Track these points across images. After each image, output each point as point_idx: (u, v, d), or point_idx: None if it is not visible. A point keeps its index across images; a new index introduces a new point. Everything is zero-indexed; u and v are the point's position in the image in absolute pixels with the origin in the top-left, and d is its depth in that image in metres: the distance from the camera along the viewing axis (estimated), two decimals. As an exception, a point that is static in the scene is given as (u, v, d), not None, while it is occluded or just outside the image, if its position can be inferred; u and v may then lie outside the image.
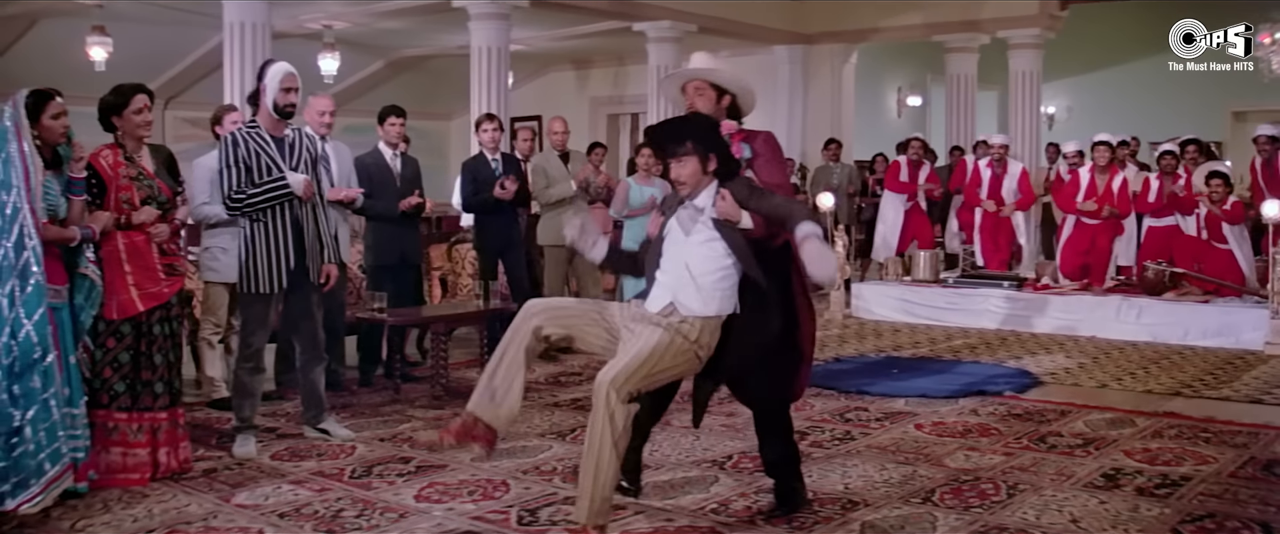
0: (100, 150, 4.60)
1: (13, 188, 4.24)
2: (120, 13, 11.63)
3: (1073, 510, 4.07)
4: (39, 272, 4.23)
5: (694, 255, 3.72)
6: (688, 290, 3.67)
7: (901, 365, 7.25)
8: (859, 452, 4.99)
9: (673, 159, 3.79)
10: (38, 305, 4.20)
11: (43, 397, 4.21)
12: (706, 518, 4.00)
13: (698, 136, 3.77)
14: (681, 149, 3.76)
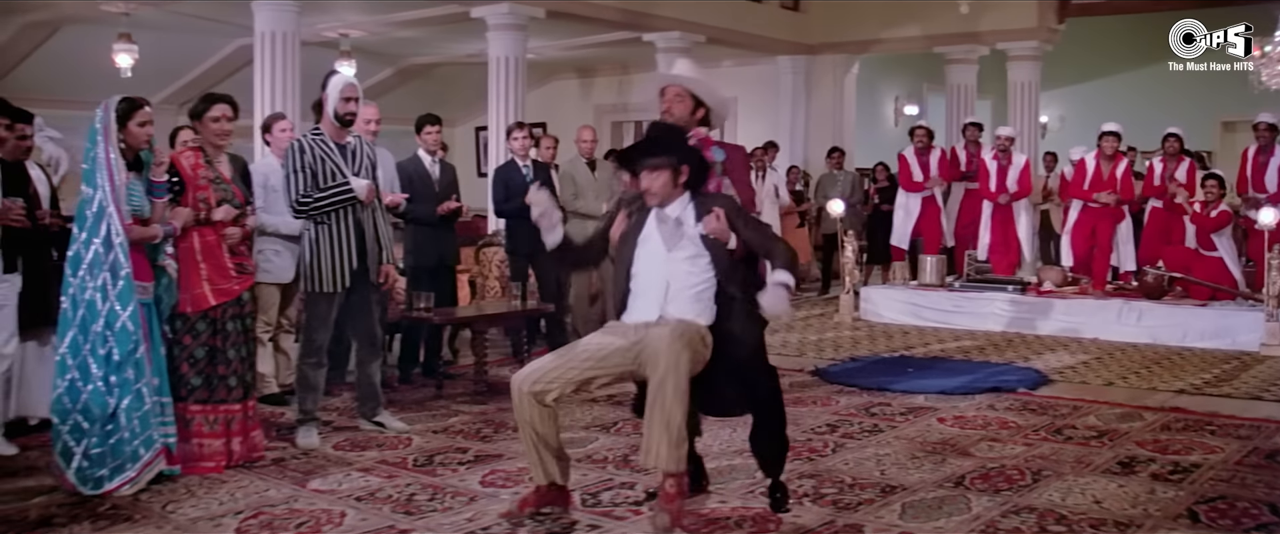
0: (183, 152, 4.90)
1: (99, 188, 4.54)
2: (142, 21, 11.88)
3: (1094, 493, 4.40)
4: (128, 267, 4.52)
5: (676, 271, 3.76)
6: (674, 304, 3.74)
7: (916, 365, 7.58)
8: (889, 442, 5.30)
9: (645, 170, 3.80)
10: (129, 299, 4.50)
11: (136, 386, 4.50)
12: (758, 499, 4.30)
13: (670, 149, 3.81)
14: (654, 161, 3.78)
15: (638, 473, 4.56)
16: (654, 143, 3.85)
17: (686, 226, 3.78)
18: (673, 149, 3.82)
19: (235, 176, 4.99)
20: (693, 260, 3.74)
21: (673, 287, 3.74)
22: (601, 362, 3.74)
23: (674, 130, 3.97)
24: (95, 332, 4.48)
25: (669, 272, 3.75)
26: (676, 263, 3.74)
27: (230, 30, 13.18)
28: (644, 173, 3.80)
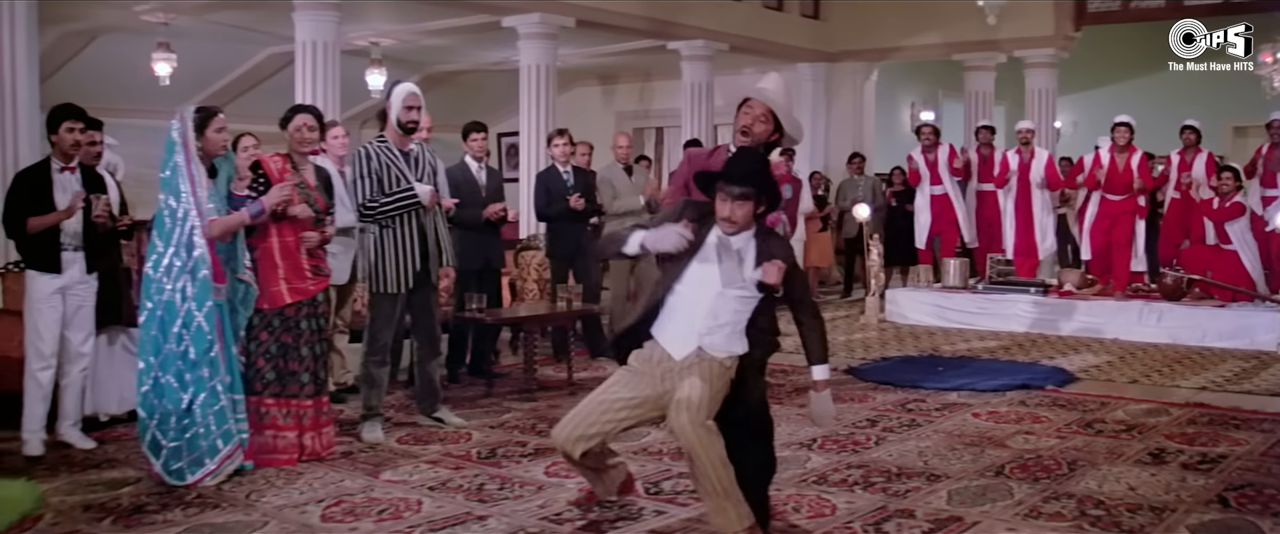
0: (272, 157, 5.16)
1: (182, 194, 4.81)
2: (178, 30, 12.16)
3: (1129, 481, 4.64)
4: (206, 271, 4.79)
5: (725, 306, 3.68)
6: (716, 338, 3.67)
7: (945, 364, 7.81)
8: (928, 436, 5.54)
9: (732, 199, 3.64)
10: (206, 300, 4.76)
11: (210, 384, 4.77)
12: (810, 487, 4.54)
13: (759, 183, 3.68)
14: (743, 190, 3.63)
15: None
16: (750, 174, 3.67)
17: (747, 265, 3.67)
18: (762, 184, 3.69)
19: (319, 185, 5.24)
20: (741, 298, 3.68)
21: (720, 317, 3.67)
22: (634, 410, 3.73)
23: (764, 163, 3.83)
24: (174, 332, 4.75)
25: (718, 305, 3.67)
26: (727, 298, 3.67)
27: (262, 39, 13.47)
28: (728, 201, 3.64)
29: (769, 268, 3.61)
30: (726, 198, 3.65)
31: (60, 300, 5.28)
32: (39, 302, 5.26)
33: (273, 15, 11.17)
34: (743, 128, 4.03)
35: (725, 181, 3.67)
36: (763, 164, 3.81)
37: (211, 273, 4.83)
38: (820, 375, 3.78)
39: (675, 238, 3.62)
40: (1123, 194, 9.80)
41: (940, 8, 14.01)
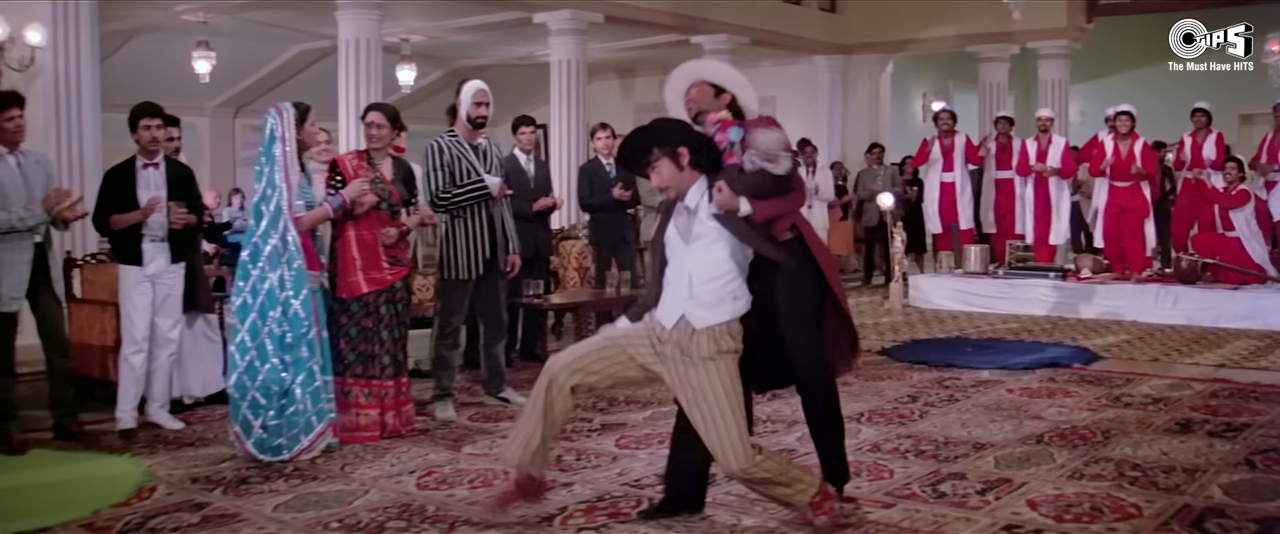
0: (348, 154, 5.50)
1: (277, 187, 5.14)
2: (215, 28, 12.51)
3: (1160, 448, 4.99)
4: (300, 259, 5.13)
5: (696, 263, 3.65)
6: (698, 301, 3.63)
7: (973, 345, 8.17)
8: (967, 409, 5.90)
9: (648, 169, 3.74)
10: (302, 287, 5.11)
11: (309, 365, 5.11)
12: (867, 455, 4.90)
13: (658, 139, 3.71)
14: (648, 158, 3.70)
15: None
16: (645, 135, 3.77)
17: (700, 213, 3.67)
18: (653, 140, 3.72)
19: (397, 178, 5.56)
20: (710, 246, 3.64)
21: (695, 279, 3.64)
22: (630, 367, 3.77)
23: (660, 120, 3.87)
24: (272, 317, 5.08)
25: (690, 264, 3.66)
26: (696, 254, 3.65)
27: (293, 36, 13.83)
28: (649, 173, 3.75)
29: (714, 195, 3.62)
30: (649, 172, 3.76)
31: (149, 288, 5.63)
32: (130, 290, 5.61)
33: (310, 13, 11.52)
34: (687, 107, 4.03)
35: (627, 162, 3.94)
36: (648, 127, 3.82)
37: (306, 261, 5.17)
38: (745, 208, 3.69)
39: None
40: (1128, 180, 10.11)
41: (952, 1, 14.35)
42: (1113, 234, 10.29)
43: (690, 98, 4.03)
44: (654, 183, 3.76)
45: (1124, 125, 10.14)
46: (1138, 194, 10.19)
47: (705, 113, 3.98)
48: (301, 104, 5.34)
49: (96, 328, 6.36)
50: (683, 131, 3.78)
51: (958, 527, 3.89)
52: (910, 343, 8.29)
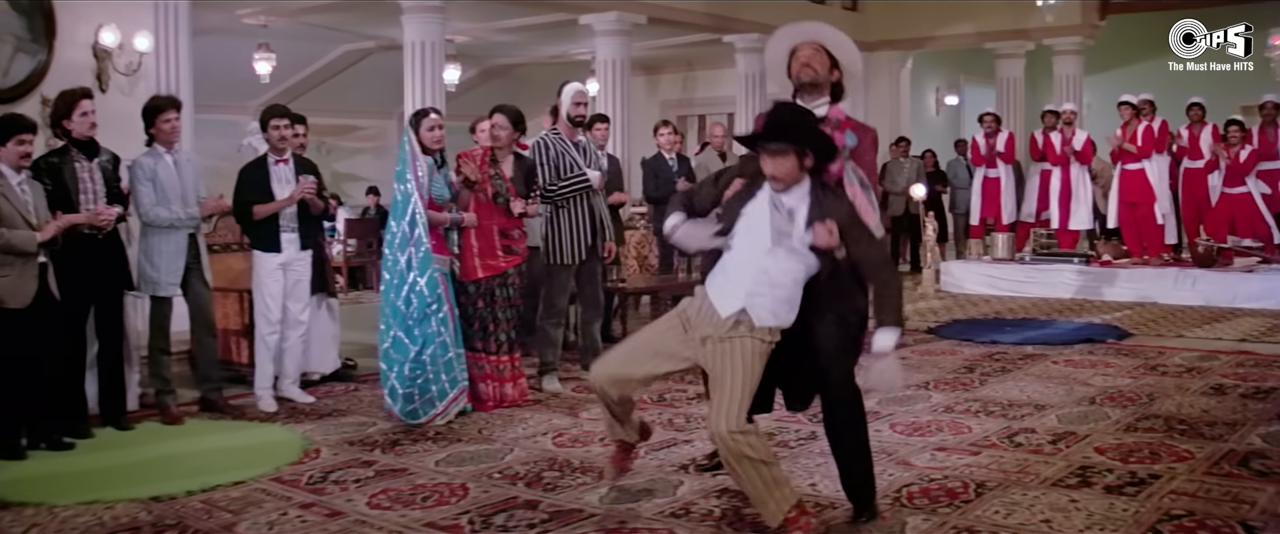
0: (473, 151, 6.13)
1: (408, 179, 5.77)
2: (273, 31, 13.10)
3: (1201, 406, 5.65)
4: (427, 243, 5.74)
5: (776, 266, 3.54)
6: (762, 301, 3.54)
7: (1010, 324, 8.82)
8: (1021, 378, 6.55)
9: (769, 155, 3.56)
10: (426, 268, 5.72)
11: (439, 339, 5.73)
12: (943, 415, 5.55)
13: (797, 134, 3.57)
14: (779, 146, 3.54)
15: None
16: (783, 127, 3.58)
17: (797, 224, 3.54)
18: (800, 134, 3.57)
19: (517, 175, 6.16)
20: (792, 255, 3.54)
21: (772, 278, 3.54)
22: (671, 360, 3.74)
23: (801, 113, 3.70)
24: (403, 295, 5.72)
25: (767, 263, 3.53)
26: (776, 257, 3.54)
27: (337, 37, 14.42)
28: (768, 158, 3.55)
29: (818, 229, 3.45)
30: (767, 155, 3.57)
31: (282, 274, 6.24)
32: (265, 276, 6.22)
33: (366, 15, 12.11)
34: (801, 66, 3.85)
35: (763, 138, 3.61)
36: (801, 115, 3.67)
37: (432, 246, 5.79)
38: (883, 340, 3.51)
39: (701, 240, 3.69)
40: (1133, 163, 10.75)
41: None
42: (1127, 219, 10.92)
43: (805, 60, 3.83)
44: (768, 169, 3.57)
45: (1125, 113, 10.78)
46: (1144, 183, 10.80)
47: (817, 85, 3.83)
48: (420, 110, 5.97)
49: (220, 313, 6.97)
50: (820, 136, 3.64)
51: (1041, 468, 4.53)
52: (952, 323, 8.94)
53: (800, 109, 3.76)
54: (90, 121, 5.57)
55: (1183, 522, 3.83)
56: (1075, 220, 11.67)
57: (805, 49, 3.88)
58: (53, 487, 4.59)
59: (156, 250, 5.77)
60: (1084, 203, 11.60)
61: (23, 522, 4.13)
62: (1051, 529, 3.79)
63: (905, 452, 4.85)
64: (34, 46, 7.69)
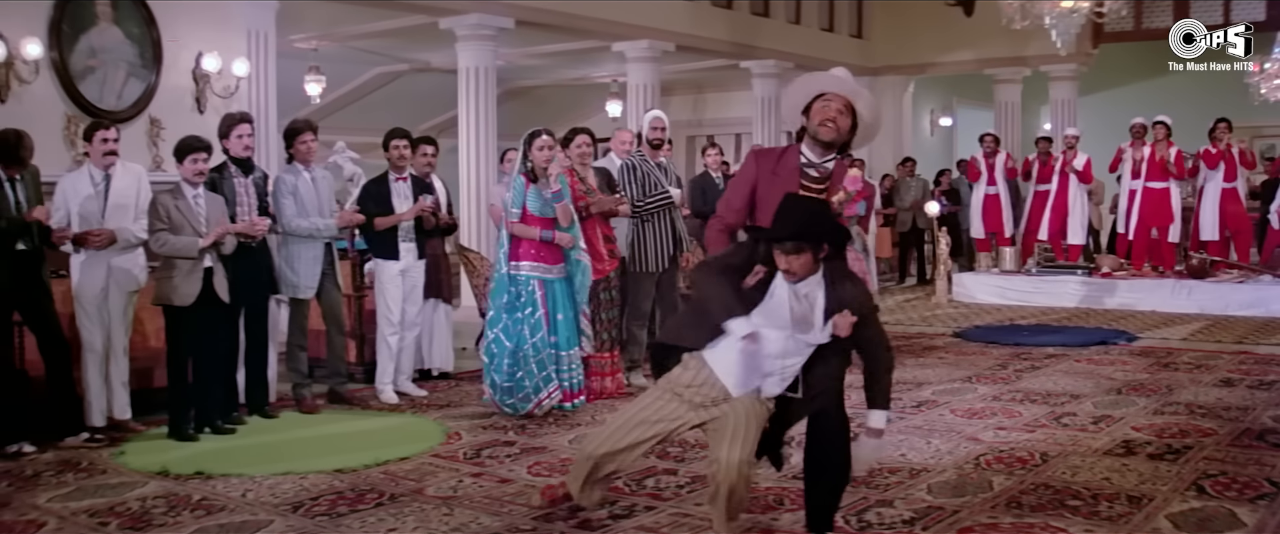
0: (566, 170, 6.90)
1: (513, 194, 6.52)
2: (325, 53, 13.84)
3: (1214, 396, 6.50)
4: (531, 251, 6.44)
5: (789, 347, 3.62)
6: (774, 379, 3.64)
7: (1026, 329, 9.67)
8: (1050, 374, 7.39)
9: (785, 253, 3.55)
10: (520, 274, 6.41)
11: (532, 339, 6.38)
12: (992, 403, 6.37)
13: (816, 236, 3.59)
14: (797, 244, 3.55)
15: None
16: (802, 227, 3.58)
17: (816, 312, 3.61)
18: (815, 231, 3.60)
19: (601, 184, 6.92)
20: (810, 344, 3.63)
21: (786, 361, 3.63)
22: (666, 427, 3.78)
23: (817, 209, 3.71)
24: (503, 299, 6.42)
25: (789, 347, 3.61)
26: (797, 343, 3.61)
27: (371, 59, 15.18)
28: (784, 256, 3.57)
29: (839, 322, 3.56)
30: (783, 253, 3.57)
31: (401, 280, 6.99)
32: (387, 282, 6.97)
33: (410, 40, 12.88)
34: (825, 122, 3.77)
35: (776, 237, 3.59)
36: (813, 211, 3.67)
37: (537, 254, 6.51)
38: (876, 423, 3.68)
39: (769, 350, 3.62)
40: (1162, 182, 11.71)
41: (970, 27, 15.97)
42: (1143, 238, 11.78)
43: (831, 115, 3.76)
44: (783, 264, 3.58)
45: (1159, 133, 11.67)
46: (1166, 201, 11.69)
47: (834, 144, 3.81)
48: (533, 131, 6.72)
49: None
50: (835, 229, 3.70)
51: (1090, 442, 5.37)
52: (973, 328, 9.79)
53: (814, 204, 3.73)
54: (245, 143, 6.30)
55: (1218, 479, 4.66)
56: (1073, 235, 12.56)
57: (836, 101, 3.78)
58: (244, 461, 5.30)
59: (297, 257, 6.50)
60: (1079, 220, 12.49)
61: (235, 488, 4.85)
62: (1112, 485, 4.61)
63: (971, 430, 5.66)
64: (144, 72, 8.49)
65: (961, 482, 4.70)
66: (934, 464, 4.97)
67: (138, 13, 8.41)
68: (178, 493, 4.77)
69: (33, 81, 7.73)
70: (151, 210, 5.79)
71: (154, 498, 4.71)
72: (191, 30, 8.72)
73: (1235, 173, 11.56)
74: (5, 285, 5.46)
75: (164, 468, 5.17)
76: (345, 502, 4.59)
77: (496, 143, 11.56)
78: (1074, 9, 10.23)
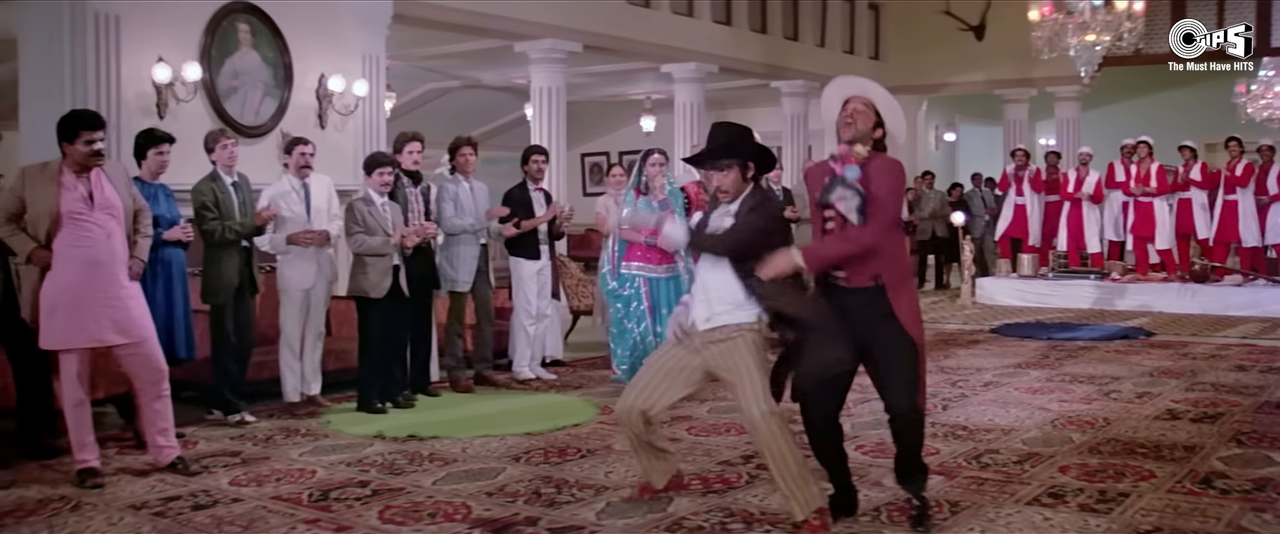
0: (691, 184, 8.01)
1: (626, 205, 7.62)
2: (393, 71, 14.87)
3: (1232, 378, 7.68)
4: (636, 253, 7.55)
5: (712, 280, 4.04)
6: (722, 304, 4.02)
7: (1053, 327, 10.85)
8: (1087, 361, 8.56)
9: (715, 170, 4.05)
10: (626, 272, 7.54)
11: (636, 329, 7.50)
12: (1044, 384, 7.53)
13: (742, 150, 4.03)
14: (725, 159, 4.00)
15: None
16: (725, 144, 4.06)
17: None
18: (740, 149, 4.04)
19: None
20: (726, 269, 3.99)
21: (710, 288, 4.03)
22: (683, 376, 4.19)
23: (739, 129, 4.16)
24: (619, 293, 7.57)
25: (710, 276, 4.04)
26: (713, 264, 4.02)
27: (423, 76, 16.27)
28: (715, 173, 4.04)
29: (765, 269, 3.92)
30: (714, 170, 4.08)
31: (537, 278, 8.06)
32: (526, 279, 8.02)
33: (474, 60, 13.96)
34: (844, 122, 4.02)
35: (709, 156, 4.12)
36: (740, 132, 4.13)
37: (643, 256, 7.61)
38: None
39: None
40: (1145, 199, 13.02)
41: (981, 50, 17.24)
42: (1140, 248, 13.05)
43: (850, 114, 4.01)
44: (716, 181, 4.09)
45: (1142, 152, 12.93)
46: (1150, 213, 12.96)
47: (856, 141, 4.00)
48: (650, 150, 7.82)
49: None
50: (758, 149, 4.12)
51: (1138, 410, 6.53)
52: (1006, 325, 10.97)
53: (738, 126, 4.21)
54: (414, 158, 7.38)
55: (1251, 435, 5.83)
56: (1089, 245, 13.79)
57: (855, 102, 4.05)
58: (441, 428, 6.32)
59: (458, 257, 7.58)
60: (1093, 228, 13.72)
61: (451, 447, 5.88)
62: (1167, 439, 5.76)
63: (1038, 403, 6.82)
64: (277, 92, 9.60)
65: (1047, 437, 5.85)
66: (1019, 426, 6.11)
67: (272, 39, 9.50)
68: (407, 450, 5.82)
69: (189, 100, 8.80)
70: (348, 215, 6.87)
71: (389, 453, 5.75)
72: (315, 54, 9.81)
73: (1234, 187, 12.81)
74: (240, 277, 6.51)
75: (379, 432, 6.22)
76: (553, 455, 5.66)
77: (565, 156, 12.65)
78: (1096, 42, 11.44)
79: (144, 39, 8.59)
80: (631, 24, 13.14)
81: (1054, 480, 4.97)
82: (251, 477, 5.29)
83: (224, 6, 9.12)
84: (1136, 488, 4.82)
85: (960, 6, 17.22)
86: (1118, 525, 4.28)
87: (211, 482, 5.20)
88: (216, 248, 6.45)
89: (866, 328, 3.93)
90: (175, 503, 4.83)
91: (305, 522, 4.53)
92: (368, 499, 4.86)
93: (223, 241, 6.43)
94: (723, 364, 4.05)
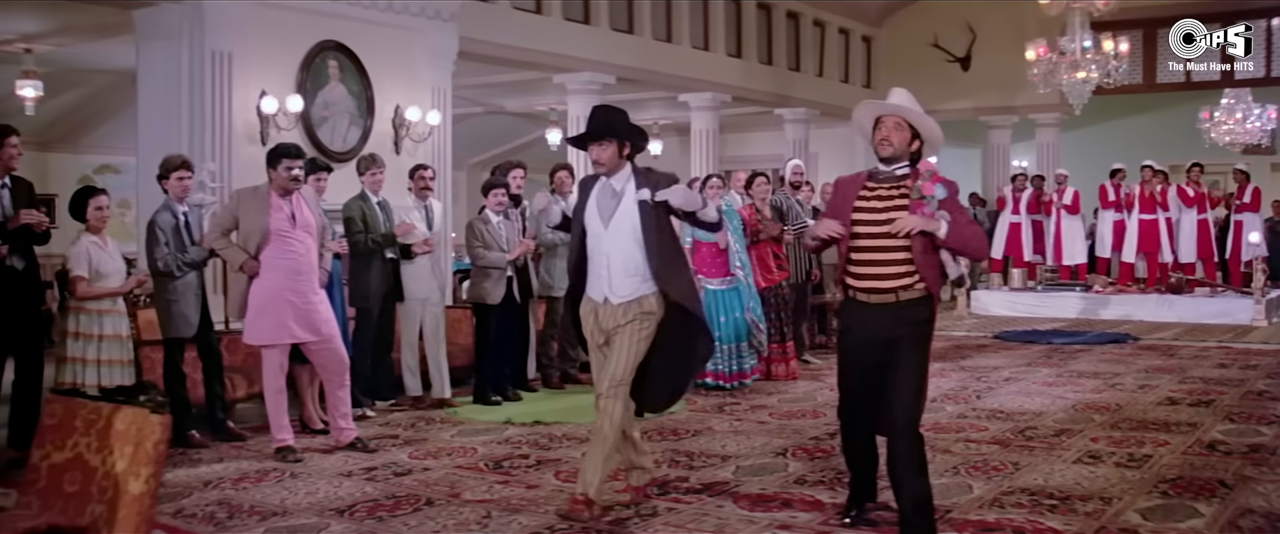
0: (744, 207, 9.16)
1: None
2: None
3: (1219, 374, 8.92)
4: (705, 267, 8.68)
5: (613, 246, 4.25)
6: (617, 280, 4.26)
7: (1048, 333, 12.09)
8: (1088, 361, 9.79)
9: (594, 145, 4.40)
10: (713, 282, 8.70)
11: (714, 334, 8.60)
12: (1058, 378, 8.74)
13: (618, 129, 4.42)
14: (604, 137, 4.36)
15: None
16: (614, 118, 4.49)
17: (626, 198, 4.24)
18: (616, 127, 4.40)
19: (775, 216, 9.19)
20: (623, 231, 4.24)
21: (613, 261, 4.24)
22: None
23: (616, 111, 4.57)
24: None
25: (608, 246, 4.25)
26: (612, 236, 4.21)
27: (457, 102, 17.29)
28: (594, 148, 4.35)
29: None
30: (593, 145, 4.44)
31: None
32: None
33: (514, 90, 15.05)
34: (880, 139, 4.16)
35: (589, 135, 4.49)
36: (616, 113, 4.55)
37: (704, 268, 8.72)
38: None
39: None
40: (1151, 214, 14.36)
41: (967, 80, 18.61)
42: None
43: (886, 133, 4.15)
44: (593, 156, 4.44)
45: (1147, 174, 14.27)
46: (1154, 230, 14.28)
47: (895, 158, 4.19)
48: (708, 175, 8.95)
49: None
50: (634, 129, 4.54)
51: (1144, 398, 7.74)
52: (1006, 331, 12.21)
53: (615, 108, 4.65)
54: (517, 183, 8.46)
55: (1241, 414, 7.06)
56: (1069, 257, 15.08)
57: (889, 120, 4.17)
58: (558, 415, 7.37)
59: (555, 267, 8.64)
60: (1077, 243, 15.03)
61: (579, 430, 6.91)
62: (1173, 418, 6.97)
63: (1056, 393, 8.01)
64: (361, 120, 10.65)
65: (1073, 417, 7.04)
66: (1046, 410, 7.29)
67: (357, 74, 10.56)
68: (540, 433, 6.85)
69: (289, 129, 9.83)
70: (469, 231, 7.94)
71: (525, 435, 6.78)
72: (392, 87, 10.88)
73: (1206, 207, 14.17)
74: (386, 286, 7.55)
75: (508, 419, 7.27)
76: (668, 434, 6.74)
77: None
78: (1086, 79, 12.76)
79: (251, 74, 9.62)
80: (658, 58, 14.32)
81: (1089, 447, 6.15)
82: (424, 452, 6.30)
83: (317, 44, 10.16)
84: (1156, 452, 6.01)
85: (948, 40, 18.58)
86: (1149, 476, 5.46)
87: (392, 457, 6.21)
88: (363, 257, 7.49)
89: (883, 347, 4.06)
90: (377, 471, 5.85)
91: (497, 481, 5.57)
92: (535, 466, 5.91)
93: (367, 251, 7.46)
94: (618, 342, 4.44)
